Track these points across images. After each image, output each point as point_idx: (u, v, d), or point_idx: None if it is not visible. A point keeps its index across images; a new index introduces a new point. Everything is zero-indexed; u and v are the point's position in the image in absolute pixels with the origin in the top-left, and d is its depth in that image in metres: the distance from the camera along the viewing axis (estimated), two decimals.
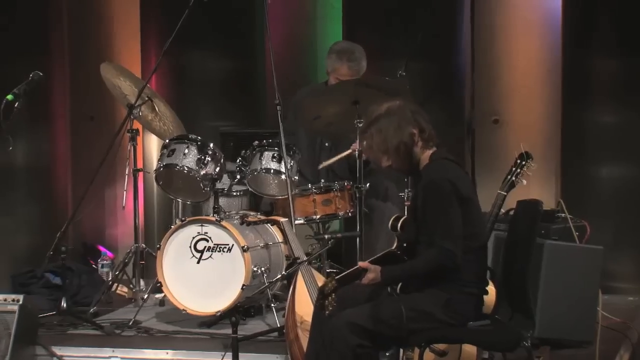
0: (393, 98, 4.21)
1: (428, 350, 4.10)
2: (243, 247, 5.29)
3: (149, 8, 7.20)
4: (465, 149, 6.78)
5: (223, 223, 5.35)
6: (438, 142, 4.14)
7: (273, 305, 5.31)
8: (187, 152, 5.50)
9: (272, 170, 5.53)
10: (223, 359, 4.76)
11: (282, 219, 5.19)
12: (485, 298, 4.15)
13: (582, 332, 4.91)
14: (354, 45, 5.95)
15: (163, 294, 5.58)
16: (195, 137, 5.56)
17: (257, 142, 5.61)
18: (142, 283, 5.98)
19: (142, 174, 6.12)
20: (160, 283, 5.43)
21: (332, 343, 3.96)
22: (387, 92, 5.28)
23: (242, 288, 5.28)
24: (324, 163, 5.74)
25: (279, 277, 5.28)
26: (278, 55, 5.84)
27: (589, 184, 6.40)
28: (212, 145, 5.55)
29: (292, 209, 5.34)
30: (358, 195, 5.42)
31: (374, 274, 3.96)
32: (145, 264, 5.98)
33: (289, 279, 5.10)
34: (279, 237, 5.57)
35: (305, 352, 4.40)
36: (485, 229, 4.41)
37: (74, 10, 7.15)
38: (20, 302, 4.90)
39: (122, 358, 5.02)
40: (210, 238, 5.38)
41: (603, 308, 5.07)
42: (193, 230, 5.41)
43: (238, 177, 5.63)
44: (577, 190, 6.36)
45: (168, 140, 5.63)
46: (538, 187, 6.03)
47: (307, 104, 5.66)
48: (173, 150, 5.53)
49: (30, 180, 6.64)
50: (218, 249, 5.37)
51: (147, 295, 5.65)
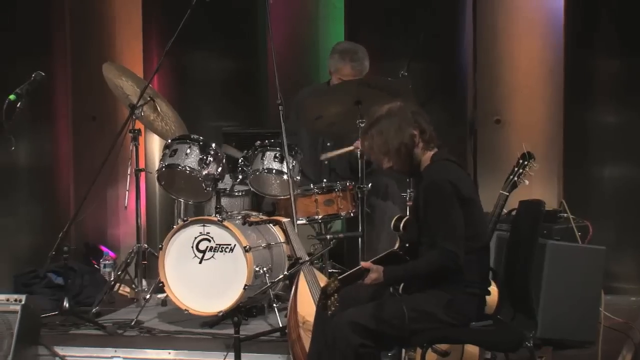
0: (394, 99, 4.20)
1: (430, 351, 4.09)
2: (245, 247, 5.29)
3: (151, 8, 7.19)
4: (468, 149, 6.77)
5: (225, 223, 5.35)
6: (439, 143, 4.14)
7: (275, 306, 5.30)
8: (189, 152, 5.50)
9: (274, 171, 5.53)
10: (225, 359, 4.76)
11: (284, 219, 5.18)
12: (488, 298, 4.15)
13: (584, 332, 4.91)
14: (357, 46, 5.95)
15: (165, 294, 5.58)
16: (197, 137, 5.56)
17: (259, 142, 5.61)
18: (144, 283, 5.97)
19: (144, 174, 6.12)
20: (163, 283, 5.43)
21: (334, 343, 3.96)
22: (389, 92, 5.29)
23: (244, 288, 5.28)
24: (327, 154, 5.73)
25: (281, 277, 5.29)
26: (280, 55, 5.83)
27: (592, 184, 6.39)
28: (214, 146, 5.55)
29: (294, 209, 5.33)
30: (360, 196, 5.42)
31: (377, 274, 3.96)
32: (148, 264, 5.97)
33: (291, 279, 5.10)
34: (281, 237, 5.58)
35: (308, 352, 4.40)
36: (488, 230, 4.41)
37: (76, 11, 7.15)
38: (23, 302, 4.90)
39: (124, 358, 5.01)
40: (213, 238, 5.38)
41: (605, 308, 5.07)
42: (195, 231, 5.41)
43: (240, 177, 5.64)
44: (579, 191, 6.35)
45: (170, 141, 5.63)
46: (540, 187, 6.02)
47: (309, 104, 5.67)
48: (175, 151, 5.53)
49: (33, 180, 6.64)
50: (220, 249, 5.37)
51: (149, 296, 5.66)
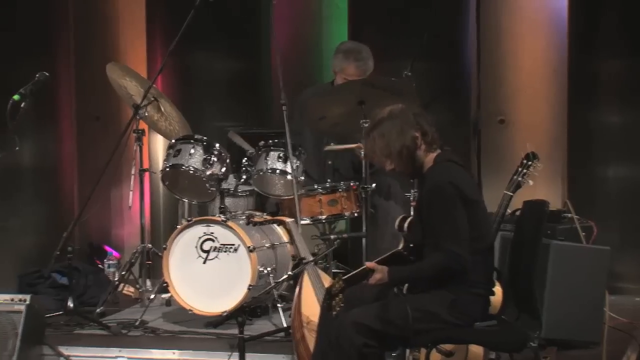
0: (398, 99, 4.20)
1: (434, 351, 4.09)
2: (249, 247, 5.29)
3: (155, 8, 7.20)
4: (471, 149, 6.77)
5: (229, 223, 5.36)
6: (442, 144, 4.13)
7: (279, 306, 5.30)
8: (193, 152, 5.50)
9: (278, 171, 5.53)
10: (229, 359, 4.76)
11: (288, 219, 5.18)
12: (492, 298, 4.15)
13: (589, 332, 4.90)
14: (361, 45, 5.95)
15: (169, 294, 5.58)
16: (201, 137, 5.56)
17: (262, 142, 5.61)
18: (148, 283, 5.99)
19: (148, 174, 6.12)
20: (167, 283, 5.43)
21: (338, 343, 3.96)
22: (393, 92, 5.29)
23: (248, 288, 5.28)
24: (331, 146, 5.72)
25: (285, 277, 5.29)
26: (283, 55, 5.83)
27: (596, 184, 6.39)
28: (218, 146, 5.55)
29: (298, 209, 5.33)
30: (364, 196, 5.42)
31: (381, 275, 3.96)
32: (152, 264, 5.98)
33: (295, 279, 5.10)
34: (285, 237, 5.58)
35: (312, 352, 4.40)
36: (492, 230, 4.40)
37: (80, 11, 7.15)
38: (27, 302, 4.91)
39: (128, 358, 5.02)
40: (217, 238, 5.38)
41: (610, 309, 5.06)
42: (199, 231, 5.41)
43: (244, 177, 5.64)
44: (583, 191, 6.34)
45: (174, 141, 5.63)
46: (544, 187, 6.01)
47: (313, 104, 5.67)
48: (179, 151, 5.53)
49: (37, 181, 6.64)
50: (224, 249, 5.37)
51: (153, 296, 5.67)
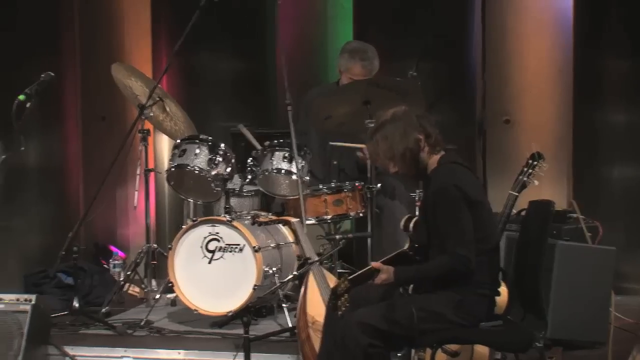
0: (403, 99, 4.19)
1: (440, 351, 4.09)
2: (254, 247, 5.29)
3: (160, 8, 7.21)
4: (477, 149, 6.76)
5: (234, 223, 5.36)
6: (446, 145, 4.12)
7: (284, 306, 5.30)
8: (198, 152, 5.50)
9: (283, 171, 5.52)
10: (235, 359, 4.76)
11: (293, 219, 5.18)
12: (498, 299, 4.14)
13: (594, 332, 4.90)
14: (367, 45, 5.95)
15: (175, 294, 5.58)
16: (206, 137, 5.56)
17: (268, 142, 5.61)
18: (153, 283, 5.99)
19: (153, 174, 6.13)
20: (172, 283, 5.43)
21: (343, 343, 3.95)
22: (398, 92, 5.29)
23: (253, 288, 5.28)
24: (336, 142, 5.72)
25: (291, 277, 5.29)
26: (289, 55, 5.83)
27: (601, 185, 6.38)
28: (223, 146, 5.54)
29: (303, 209, 5.33)
30: (369, 196, 5.41)
31: (387, 275, 3.96)
32: (157, 264, 5.99)
33: (301, 279, 5.10)
34: (290, 237, 5.58)
35: (317, 352, 4.40)
36: (497, 231, 4.39)
37: (85, 11, 7.15)
38: (33, 301, 4.91)
39: (134, 358, 5.02)
40: (222, 238, 5.38)
41: (615, 309, 5.06)
42: (204, 231, 5.41)
43: (249, 177, 5.64)
44: (589, 191, 6.33)
45: (179, 141, 5.63)
46: (550, 187, 6.01)
47: (318, 104, 5.66)
48: (184, 151, 5.53)
49: (42, 181, 6.64)
50: (229, 249, 5.37)
51: (158, 296, 5.67)
